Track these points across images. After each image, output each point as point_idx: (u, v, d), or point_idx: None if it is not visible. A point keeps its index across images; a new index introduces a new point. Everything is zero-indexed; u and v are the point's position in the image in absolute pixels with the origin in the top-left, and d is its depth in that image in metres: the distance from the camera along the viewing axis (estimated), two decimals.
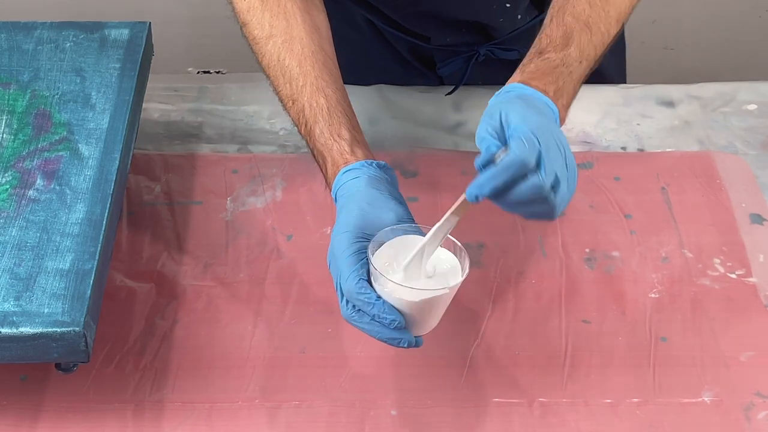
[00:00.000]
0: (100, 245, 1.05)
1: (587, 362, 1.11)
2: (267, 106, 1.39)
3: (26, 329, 0.98)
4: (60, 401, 1.06)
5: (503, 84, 1.08)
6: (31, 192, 1.10)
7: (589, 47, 1.09)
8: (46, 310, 0.99)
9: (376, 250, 0.98)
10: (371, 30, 1.42)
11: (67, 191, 1.10)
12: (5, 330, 0.98)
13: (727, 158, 1.32)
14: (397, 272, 0.97)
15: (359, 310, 0.97)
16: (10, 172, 1.12)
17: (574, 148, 1.33)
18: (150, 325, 1.13)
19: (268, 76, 1.15)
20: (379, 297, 0.96)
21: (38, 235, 1.06)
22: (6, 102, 1.19)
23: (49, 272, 1.02)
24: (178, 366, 1.10)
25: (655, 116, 1.39)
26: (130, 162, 1.19)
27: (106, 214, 1.08)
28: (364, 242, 0.99)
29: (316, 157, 1.10)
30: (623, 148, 1.34)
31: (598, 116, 1.38)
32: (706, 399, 1.08)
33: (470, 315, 1.14)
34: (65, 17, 1.34)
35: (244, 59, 1.22)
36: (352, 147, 1.07)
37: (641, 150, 1.34)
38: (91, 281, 1.02)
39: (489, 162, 0.94)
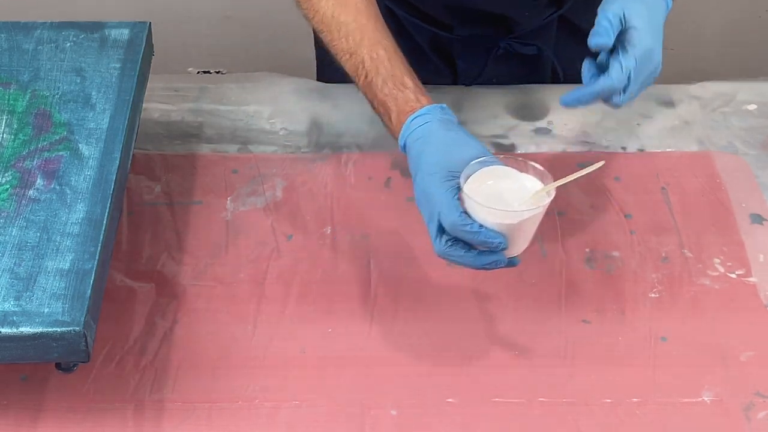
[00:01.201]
0: (100, 245, 1.05)
1: (587, 362, 1.11)
2: (267, 106, 1.39)
3: (26, 329, 0.98)
4: (60, 401, 1.06)
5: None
6: (31, 192, 1.10)
7: None
8: (46, 310, 0.99)
9: (465, 183, 1.02)
10: (392, 22, 1.42)
11: (68, 191, 1.10)
12: (5, 330, 0.98)
13: (727, 158, 1.32)
14: (488, 198, 1.02)
15: (455, 243, 1.01)
16: (10, 172, 1.12)
17: (574, 148, 1.33)
18: (150, 324, 1.13)
19: (320, 31, 1.18)
20: (481, 226, 1.00)
21: (38, 234, 1.06)
22: (6, 102, 1.19)
23: (49, 272, 1.02)
24: (179, 366, 1.10)
25: (655, 116, 1.39)
26: (130, 162, 1.19)
27: (106, 214, 1.08)
28: (453, 180, 1.02)
29: (377, 107, 1.13)
30: (623, 148, 1.34)
31: (598, 116, 1.38)
32: (706, 399, 1.08)
33: (470, 315, 1.14)
34: (65, 17, 1.34)
35: (244, 59, 1.22)
36: (417, 95, 1.10)
37: (641, 150, 1.34)
38: (91, 281, 1.02)
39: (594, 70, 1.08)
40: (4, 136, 1.16)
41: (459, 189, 1.02)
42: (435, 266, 1.19)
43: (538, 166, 1.04)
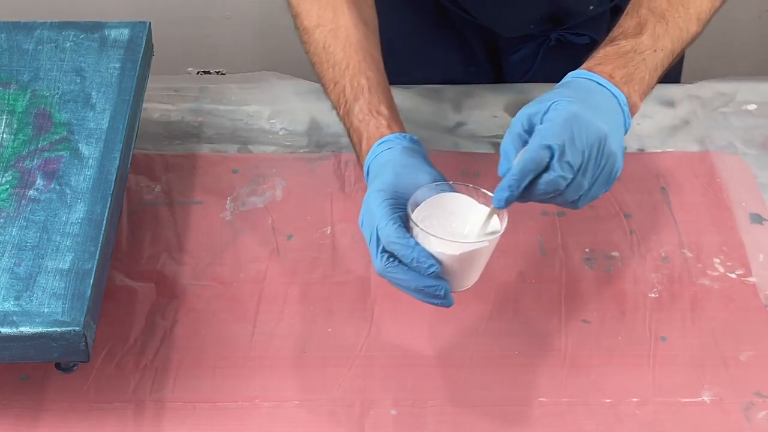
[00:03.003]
0: (100, 245, 1.05)
1: (587, 362, 1.11)
2: (267, 106, 1.39)
3: (26, 329, 0.98)
4: (60, 401, 1.06)
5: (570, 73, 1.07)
6: (31, 192, 1.10)
7: (665, 38, 1.09)
8: (46, 310, 0.99)
9: (414, 209, 0.99)
10: (438, 15, 1.41)
11: (68, 191, 1.10)
12: (5, 330, 0.98)
13: (727, 158, 1.32)
14: (435, 226, 0.98)
15: (395, 260, 0.98)
16: (10, 172, 1.12)
17: None
18: (150, 324, 1.13)
19: (313, 64, 1.18)
20: (417, 243, 0.97)
21: (38, 234, 1.06)
22: (6, 102, 1.19)
23: (49, 272, 1.02)
24: (179, 365, 1.10)
25: (655, 116, 1.38)
26: (130, 162, 1.19)
27: (106, 214, 1.08)
28: (400, 200, 0.99)
29: (352, 135, 1.12)
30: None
31: None
32: (705, 399, 1.08)
33: (470, 315, 1.14)
34: (65, 17, 1.34)
35: (244, 59, 1.22)
36: (390, 123, 1.09)
37: (641, 150, 1.34)
38: (91, 281, 1.02)
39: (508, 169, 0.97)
40: (4, 136, 1.16)
41: (404, 212, 0.99)
42: None
43: (491, 195, 0.99)
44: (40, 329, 0.98)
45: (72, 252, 1.04)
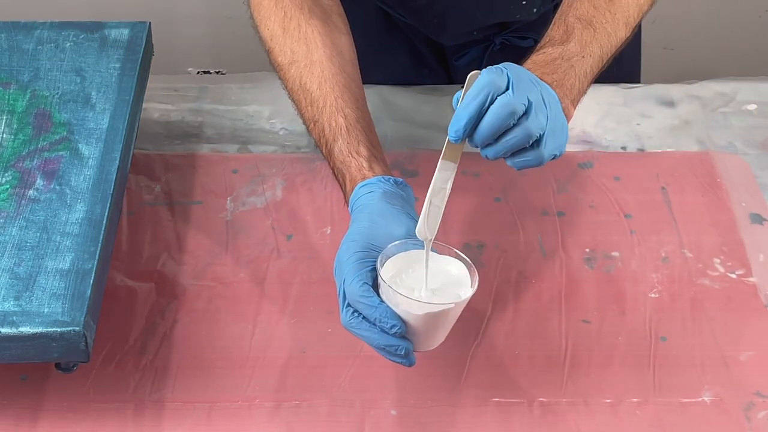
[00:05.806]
0: (100, 245, 1.05)
1: (587, 362, 1.11)
2: (267, 106, 1.39)
3: (26, 329, 0.98)
4: (60, 401, 1.06)
5: None
6: (31, 192, 1.10)
7: (593, 44, 1.08)
8: (46, 310, 0.99)
9: (384, 263, 0.98)
10: (386, 22, 1.42)
11: (67, 191, 1.10)
12: (5, 330, 0.98)
13: (727, 158, 1.32)
14: (404, 282, 0.97)
15: (359, 315, 0.97)
16: (10, 172, 1.12)
17: (574, 148, 1.33)
18: (150, 324, 1.13)
19: (293, 101, 1.17)
20: (381, 301, 0.96)
21: (38, 234, 1.06)
22: (6, 102, 1.19)
23: (49, 272, 1.02)
24: (179, 365, 1.10)
25: (655, 116, 1.39)
26: (130, 162, 1.19)
27: (106, 214, 1.08)
28: (371, 252, 0.98)
29: (337, 175, 1.11)
30: (623, 148, 1.34)
31: (598, 116, 1.38)
32: (706, 399, 1.08)
33: (470, 315, 1.14)
34: (65, 17, 1.34)
35: (244, 59, 1.22)
36: (370, 163, 1.08)
37: (641, 150, 1.34)
38: (91, 281, 1.02)
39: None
40: (4, 136, 1.16)
41: (374, 265, 0.97)
42: None
43: (466, 257, 0.99)
44: (40, 329, 0.98)
45: (72, 252, 1.04)
